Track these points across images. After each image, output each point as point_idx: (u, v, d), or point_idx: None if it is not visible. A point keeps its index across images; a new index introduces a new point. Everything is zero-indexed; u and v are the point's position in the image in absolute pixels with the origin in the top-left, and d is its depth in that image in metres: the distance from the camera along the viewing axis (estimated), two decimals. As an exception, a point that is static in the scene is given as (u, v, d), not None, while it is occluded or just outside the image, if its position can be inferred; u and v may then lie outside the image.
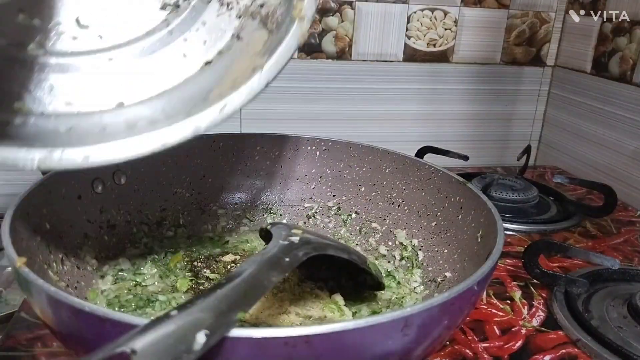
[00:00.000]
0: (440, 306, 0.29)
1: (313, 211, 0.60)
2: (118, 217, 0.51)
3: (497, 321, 0.48)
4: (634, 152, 0.79)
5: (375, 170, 0.58)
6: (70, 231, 0.44)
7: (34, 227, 0.39)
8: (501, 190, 0.73)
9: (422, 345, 0.32)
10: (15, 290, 0.56)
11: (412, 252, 0.52)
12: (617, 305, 0.50)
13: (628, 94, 0.80)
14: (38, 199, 0.41)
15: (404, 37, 0.86)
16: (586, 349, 0.44)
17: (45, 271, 0.38)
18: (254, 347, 0.25)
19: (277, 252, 0.37)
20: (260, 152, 0.61)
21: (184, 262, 0.50)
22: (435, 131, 0.93)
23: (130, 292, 0.45)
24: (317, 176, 0.61)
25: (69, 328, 0.29)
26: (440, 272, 0.48)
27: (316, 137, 0.60)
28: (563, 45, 0.93)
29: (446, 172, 0.52)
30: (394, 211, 0.56)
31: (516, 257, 0.59)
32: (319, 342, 0.26)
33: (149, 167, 0.55)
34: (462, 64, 0.90)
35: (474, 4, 0.87)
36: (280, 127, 0.85)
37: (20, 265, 0.30)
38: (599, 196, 0.75)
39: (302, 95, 0.85)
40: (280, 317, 0.43)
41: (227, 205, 0.60)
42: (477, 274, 0.32)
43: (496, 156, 0.99)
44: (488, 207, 0.43)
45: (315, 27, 0.82)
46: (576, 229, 0.69)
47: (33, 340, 0.42)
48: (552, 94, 0.97)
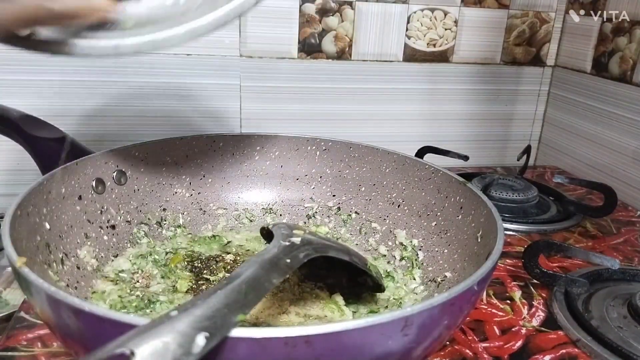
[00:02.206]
0: (440, 306, 0.29)
1: (313, 211, 0.60)
2: (118, 217, 0.51)
3: (497, 321, 0.48)
4: (634, 152, 0.79)
5: (375, 170, 0.58)
6: (70, 231, 0.44)
7: (34, 227, 0.39)
8: (501, 190, 0.73)
9: (422, 345, 0.32)
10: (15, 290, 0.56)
11: (412, 252, 0.52)
12: (617, 305, 0.50)
13: (628, 94, 0.80)
14: (38, 199, 0.41)
15: (404, 37, 0.86)
16: (586, 349, 0.44)
17: (45, 271, 0.38)
18: (254, 347, 0.25)
19: (278, 253, 0.37)
20: (260, 152, 0.61)
21: (184, 262, 0.50)
22: (435, 131, 0.93)
23: (130, 293, 0.45)
24: (317, 176, 0.61)
25: (69, 328, 0.29)
26: (440, 272, 0.48)
27: (316, 137, 0.60)
28: (563, 45, 0.93)
29: (446, 172, 0.52)
30: (394, 211, 0.56)
31: (516, 257, 0.59)
32: (319, 342, 0.26)
33: (149, 167, 0.55)
34: (462, 64, 0.90)
35: (474, 4, 0.87)
36: (280, 127, 0.85)
37: (20, 265, 0.30)
38: (599, 196, 0.75)
39: (302, 95, 0.85)
40: (280, 317, 0.43)
41: (227, 205, 0.60)
42: (477, 274, 0.32)
43: (496, 156, 0.99)
44: (488, 207, 0.43)
45: (315, 27, 0.82)
46: (576, 229, 0.68)
47: (33, 340, 0.42)
48: (552, 94, 0.97)
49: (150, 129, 0.80)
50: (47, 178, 0.43)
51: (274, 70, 0.82)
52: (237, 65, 0.80)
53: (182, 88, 0.79)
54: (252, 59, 0.81)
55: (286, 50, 0.82)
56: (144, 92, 0.77)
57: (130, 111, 0.78)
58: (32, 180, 0.41)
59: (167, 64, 0.77)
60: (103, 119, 0.77)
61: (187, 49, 0.78)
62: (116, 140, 0.60)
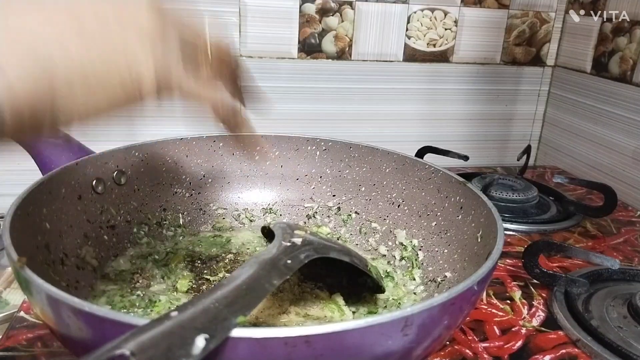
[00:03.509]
0: (440, 306, 0.29)
1: (313, 211, 0.60)
2: (118, 217, 0.51)
3: (497, 321, 0.48)
4: (634, 152, 0.79)
5: (375, 170, 0.58)
6: (70, 231, 0.44)
7: (34, 227, 0.39)
8: (501, 190, 0.73)
9: (422, 345, 0.32)
10: (15, 290, 0.56)
11: (412, 252, 0.52)
12: (617, 305, 0.50)
13: (628, 94, 0.80)
14: (38, 199, 0.41)
15: (404, 37, 0.86)
16: (586, 349, 0.44)
17: (45, 271, 0.38)
18: (254, 347, 0.25)
19: (278, 253, 0.36)
20: (260, 152, 0.61)
21: (185, 262, 0.50)
22: (435, 131, 0.93)
23: (131, 293, 0.45)
24: (317, 176, 0.61)
25: (69, 328, 0.29)
26: (440, 272, 0.48)
27: (316, 137, 0.60)
28: (563, 45, 0.93)
29: (446, 172, 0.52)
30: (394, 211, 0.56)
31: (516, 257, 0.59)
32: (319, 342, 0.26)
33: (149, 167, 0.55)
34: (462, 64, 0.90)
35: (474, 4, 0.87)
36: (280, 127, 0.85)
37: (20, 265, 0.30)
38: (599, 196, 0.75)
39: (302, 95, 0.85)
40: (280, 317, 0.43)
41: (227, 205, 0.60)
42: (477, 274, 0.32)
43: (496, 156, 0.99)
44: (488, 207, 0.43)
45: (315, 27, 0.82)
46: (576, 229, 0.69)
47: (33, 340, 0.42)
48: (552, 94, 0.97)
49: (151, 129, 0.80)
50: (47, 178, 0.43)
51: (274, 70, 0.82)
52: (237, 65, 0.80)
53: (182, 88, 0.78)
54: (252, 59, 0.81)
55: (286, 50, 0.82)
56: (144, 92, 0.77)
57: (130, 111, 0.78)
58: (32, 180, 0.41)
59: (167, 64, 0.77)
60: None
61: (187, 49, 0.78)
62: (116, 140, 0.60)
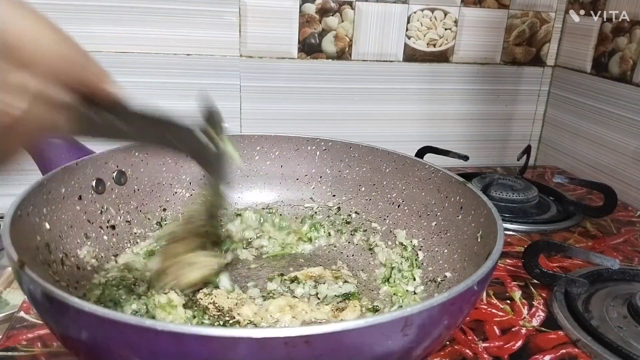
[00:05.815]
0: (440, 306, 0.29)
1: (313, 211, 0.60)
2: (118, 217, 0.51)
3: (497, 321, 0.48)
4: (634, 152, 0.79)
5: (375, 170, 0.58)
6: (70, 231, 0.44)
7: (34, 227, 0.39)
8: (501, 190, 0.73)
9: (422, 345, 0.32)
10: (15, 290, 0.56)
11: (412, 252, 0.52)
12: (617, 305, 0.50)
13: (628, 94, 0.80)
14: (38, 199, 0.41)
15: (404, 37, 0.86)
16: (586, 349, 0.44)
17: (45, 271, 0.38)
18: (254, 347, 0.25)
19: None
20: (260, 152, 0.61)
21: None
22: (435, 131, 0.93)
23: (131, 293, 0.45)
24: (317, 176, 0.61)
25: (69, 328, 0.29)
26: (440, 272, 0.48)
27: (316, 137, 0.60)
28: (563, 45, 0.93)
29: (446, 172, 0.52)
30: (394, 211, 0.56)
31: (516, 257, 0.59)
32: (319, 342, 0.26)
33: (149, 167, 0.55)
34: (462, 64, 0.90)
35: (474, 4, 0.87)
36: (280, 127, 0.85)
37: (20, 265, 0.30)
38: (599, 196, 0.75)
39: (302, 95, 0.85)
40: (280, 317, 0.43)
41: (227, 205, 0.60)
42: (477, 274, 0.32)
43: (496, 156, 0.99)
44: (488, 207, 0.43)
45: (315, 27, 0.82)
46: (576, 229, 0.68)
47: (33, 340, 0.42)
48: (552, 94, 0.97)
49: (150, 129, 0.80)
50: (47, 178, 0.43)
51: (274, 70, 0.82)
52: (237, 65, 0.80)
53: (182, 88, 0.79)
54: (252, 59, 0.81)
55: (286, 50, 0.82)
56: (144, 92, 0.77)
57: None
58: (32, 180, 0.41)
59: (167, 64, 0.77)
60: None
61: (187, 49, 0.78)
62: (116, 140, 0.60)
